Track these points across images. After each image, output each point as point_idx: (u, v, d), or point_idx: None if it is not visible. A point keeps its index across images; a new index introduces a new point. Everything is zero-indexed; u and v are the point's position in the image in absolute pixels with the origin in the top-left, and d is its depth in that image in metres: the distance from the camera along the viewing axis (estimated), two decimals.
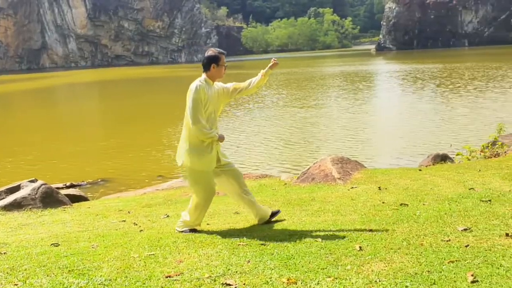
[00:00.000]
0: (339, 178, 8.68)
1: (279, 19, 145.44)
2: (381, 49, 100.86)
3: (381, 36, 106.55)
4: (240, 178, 5.61)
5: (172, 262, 4.42)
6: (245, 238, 4.94)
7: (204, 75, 5.46)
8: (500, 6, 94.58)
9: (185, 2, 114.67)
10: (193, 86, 5.32)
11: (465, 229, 4.84)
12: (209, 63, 5.42)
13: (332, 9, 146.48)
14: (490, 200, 6.06)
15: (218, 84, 5.60)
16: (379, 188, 7.54)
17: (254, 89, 5.84)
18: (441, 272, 3.75)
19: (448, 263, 3.92)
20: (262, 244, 4.67)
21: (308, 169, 9.44)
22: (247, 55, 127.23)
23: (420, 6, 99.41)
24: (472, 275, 3.63)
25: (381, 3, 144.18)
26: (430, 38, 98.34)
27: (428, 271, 3.76)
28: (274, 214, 5.81)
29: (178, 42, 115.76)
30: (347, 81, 39.25)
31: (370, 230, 4.98)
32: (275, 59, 5.93)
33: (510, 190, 6.59)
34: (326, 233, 4.97)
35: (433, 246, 4.36)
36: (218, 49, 5.59)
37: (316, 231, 5.09)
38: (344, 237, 4.78)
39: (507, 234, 4.60)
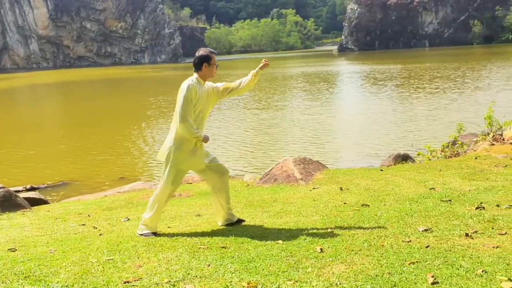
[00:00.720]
0: (301, 179, 8.67)
1: (242, 20, 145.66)
2: (343, 50, 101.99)
3: (343, 37, 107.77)
4: (225, 174, 5.72)
5: (131, 267, 4.31)
6: (206, 241, 4.84)
7: (195, 75, 5.44)
8: (459, 8, 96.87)
9: (148, 3, 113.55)
10: (185, 85, 5.29)
11: (425, 230, 4.86)
12: (201, 63, 5.41)
13: (294, 10, 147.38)
14: (450, 200, 6.12)
15: (208, 84, 5.58)
16: (341, 188, 7.55)
17: (245, 89, 5.83)
18: (401, 273, 3.74)
19: (408, 264, 3.92)
20: (223, 247, 4.59)
21: (271, 170, 9.41)
22: None
23: (381, 7, 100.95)
24: (432, 277, 3.64)
25: (343, 4, 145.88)
26: (391, 38, 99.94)
27: (389, 273, 3.75)
28: (240, 221, 5.73)
29: (141, 42, 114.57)
30: (308, 82, 39.47)
31: (332, 232, 4.96)
32: (266, 59, 5.91)
33: (470, 190, 6.68)
34: (288, 235, 4.93)
35: (394, 247, 4.36)
36: (209, 49, 5.60)
37: (277, 233, 5.04)
38: (305, 238, 4.75)
39: (467, 234, 4.63)
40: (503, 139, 11.33)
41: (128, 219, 6.77)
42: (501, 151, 10.06)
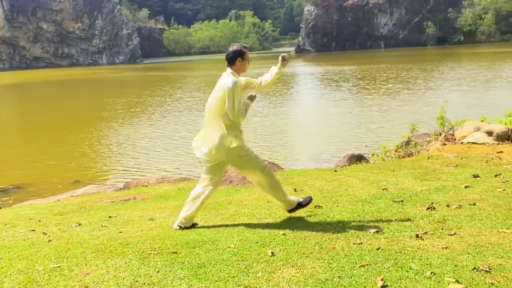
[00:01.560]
0: None
1: (201, 21, 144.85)
2: (300, 51, 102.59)
3: (300, 38, 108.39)
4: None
5: (78, 274, 4.15)
6: (157, 247, 4.70)
7: (229, 69, 5.47)
8: (413, 10, 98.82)
9: (105, 4, 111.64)
10: (229, 82, 5.31)
11: (377, 231, 4.84)
12: (235, 57, 5.45)
13: (252, 12, 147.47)
14: (402, 201, 6.13)
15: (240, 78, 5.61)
16: (295, 189, 7.51)
17: (266, 87, 5.86)
18: (351, 277, 3.70)
19: (359, 267, 3.88)
20: (173, 253, 4.46)
21: (226, 172, 9.31)
22: (169, 57, 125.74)
23: (337, 9, 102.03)
24: (382, 280, 3.60)
25: (301, 6, 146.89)
26: (347, 40, 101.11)
27: (339, 277, 3.70)
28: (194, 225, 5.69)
29: (99, 43, 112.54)
30: None
31: (284, 234, 4.89)
32: (284, 55, 5.89)
33: (421, 190, 6.72)
34: (240, 238, 4.83)
35: (345, 250, 4.32)
36: (243, 44, 5.67)
37: (230, 236, 4.94)
38: (257, 242, 4.65)
39: (417, 236, 4.63)
40: (455, 139, 11.54)
41: (80, 224, 6.55)
42: (452, 150, 10.24)
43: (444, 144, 11.00)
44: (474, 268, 3.72)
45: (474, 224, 4.92)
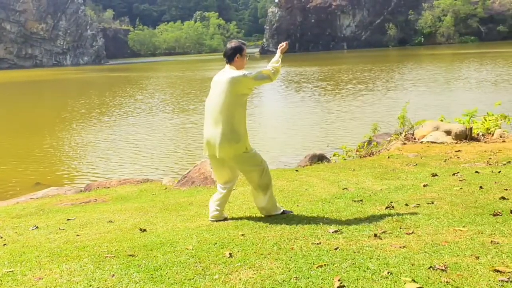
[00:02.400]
0: None
1: (166, 23, 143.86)
2: (264, 52, 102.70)
3: (264, 40, 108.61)
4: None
5: (31, 279, 3.97)
6: (114, 249, 4.54)
7: (227, 66, 5.46)
8: (375, 12, 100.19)
9: (69, 4, 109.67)
10: (237, 73, 5.30)
11: (336, 231, 4.79)
12: (234, 54, 5.44)
13: (217, 13, 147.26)
14: (362, 200, 6.13)
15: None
16: None
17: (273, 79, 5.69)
18: (308, 278, 3.62)
19: (316, 267, 3.81)
20: (130, 255, 4.31)
21: (189, 172, 9.20)
22: (134, 57, 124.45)
23: (301, 10, 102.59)
24: (339, 280, 3.55)
25: (265, 7, 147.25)
26: (311, 41, 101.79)
27: (296, 277, 3.63)
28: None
29: (63, 44, 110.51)
30: None
31: (243, 235, 4.80)
32: (282, 44, 5.94)
33: (381, 189, 6.74)
34: (199, 239, 4.71)
35: (303, 250, 4.24)
36: (240, 40, 5.70)
37: (189, 237, 4.82)
38: (216, 243, 4.55)
39: (375, 235, 4.60)
40: (415, 138, 11.68)
41: (37, 227, 6.33)
42: (412, 150, 10.35)
43: (404, 144, 11.12)
44: (430, 267, 3.70)
45: (431, 222, 4.93)
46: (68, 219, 6.38)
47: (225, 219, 5.63)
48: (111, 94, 35.76)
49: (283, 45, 5.90)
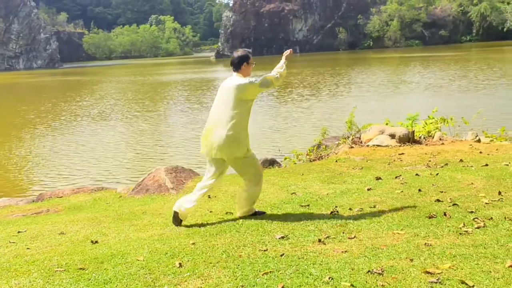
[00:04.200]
0: (172, 188, 8.52)
1: (121, 26, 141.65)
2: (220, 56, 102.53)
3: (219, 44, 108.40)
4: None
5: None
6: (64, 263, 4.49)
7: (235, 74, 5.68)
8: (325, 16, 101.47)
9: (22, 7, 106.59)
10: (244, 80, 5.56)
11: (282, 237, 4.88)
12: (241, 62, 5.66)
13: (172, 17, 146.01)
14: (308, 205, 6.24)
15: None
16: (209, 196, 7.48)
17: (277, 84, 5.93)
18: (254, 285, 3.71)
19: (262, 275, 3.89)
20: (81, 269, 4.28)
21: (143, 180, 9.14)
22: (90, 61, 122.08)
23: (254, 14, 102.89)
24: (282, 287, 3.65)
25: (219, 11, 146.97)
26: (265, 45, 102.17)
27: (242, 286, 3.71)
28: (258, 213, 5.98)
29: (15, 48, 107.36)
30: (182, 90, 39.30)
31: (193, 244, 4.84)
32: (287, 51, 6.09)
33: (327, 194, 6.87)
34: (150, 250, 4.73)
35: (251, 257, 4.32)
36: (247, 49, 5.86)
37: (140, 248, 4.83)
38: (166, 253, 4.58)
39: (319, 240, 4.71)
40: (361, 142, 11.94)
41: None
42: (359, 153, 10.59)
43: (352, 147, 11.36)
44: (369, 271, 3.84)
45: (372, 226, 5.10)
46: (19, 232, 6.25)
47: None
48: (63, 100, 34.99)
49: (287, 52, 6.09)
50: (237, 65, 5.67)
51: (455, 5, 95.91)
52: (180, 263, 4.25)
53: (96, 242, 5.30)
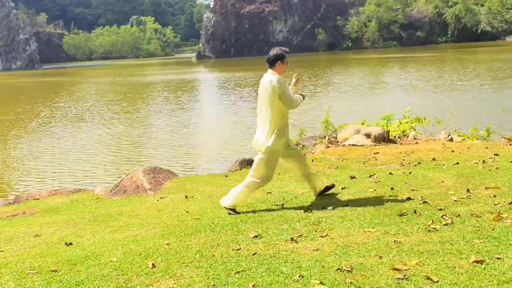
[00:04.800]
0: (150, 189, 8.49)
1: (101, 27, 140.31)
2: (201, 57, 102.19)
3: (200, 45, 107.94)
4: (303, 160, 6.39)
5: None
6: (37, 265, 4.45)
7: (270, 70, 5.94)
8: (305, 17, 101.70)
9: (0, 8, 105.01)
10: (274, 79, 5.79)
11: (255, 236, 4.90)
12: (275, 60, 5.92)
13: (153, 18, 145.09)
14: (283, 204, 6.28)
15: None
16: (186, 197, 7.49)
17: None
18: (226, 284, 3.72)
19: (234, 274, 3.91)
20: (53, 271, 4.25)
21: (121, 181, 9.10)
22: (70, 62, 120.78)
23: (235, 16, 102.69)
24: (253, 286, 3.66)
25: (200, 12, 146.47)
26: (245, 46, 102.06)
27: (213, 285, 3.72)
28: (328, 188, 6.57)
29: None
30: (163, 90, 39.13)
31: (168, 244, 4.84)
32: (296, 75, 6.39)
33: (302, 193, 6.91)
34: (124, 251, 4.71)
35: (224, 257, 4.34)
36: (283, 48, 6.11)
37: (114, 249, 4.81)
38: (140, 254, 4.57)
39: (292, 239, 4.75)
40: (337, 141, 12.04)
41: None
42: (335, 153, 10.66)
43: (328, 147, 11.44)
44: (338, 268, 3.88)
45: (344, 225, 5.15)
46: None
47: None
48: (41, 101, 34.53)
49: (297, 77, 6.35)
50: (272, 62, 5.94)
51: (431, 7, 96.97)
52: (153, 264, 4.24)
53: (71, 244, 5.26)
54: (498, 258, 3.88)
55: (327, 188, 6.60)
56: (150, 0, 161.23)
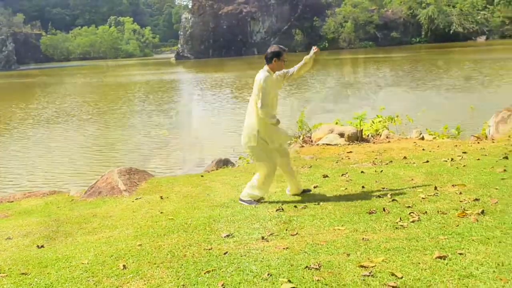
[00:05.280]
0: (125, 190, 8.41)
1: (79, 27, 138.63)
2: (180, 58, 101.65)
3: (179, 45, 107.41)
4: (288, 156, 6.47)
5: None
6: (7, 268, 4.40)
7: (266, 67, 6.06)
8: (282, 18, 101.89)
9: None
10: (261, 76, 5.95)
11: (227, 235, 4.92)
12: (272, 57, 6.06)
13: (132, 18, 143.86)
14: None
15: (275, 73, 6.20)
16: (161, 197, 7.46)
17: (300, 73, 6.47)
18: (195, 284, 3.72)
19: (204, 273, 3.92)
20: (23, 274, 4.21)
21: (96, 182, 9.01)
22: (48, 62, 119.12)
23: (213, 16, 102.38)
24: (222, 285, 3.67)
25: (179, 13, 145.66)
26: (224, 47, 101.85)
27: (183, 285, 3.72)
28: (305, 191, 6.65)
29: None
30: (140, 91, 38.88)
31: (140, 245, 4.82)
32: (315, 47, 6.53)
33: (275, 192, 6.93)
34: (96, 253, 4.68)
35: (195, 257, 4.34)
36: (281, 46, 6.22)
37: (86, 251, 4.77)
38: (112, 255, 4.54)
39: (263, 238, 4.77)
40: (312, 141, 12.11)
41: None
42: (309, 152, 10.72)
43: (302, 146, 11.50)
44: (307, 266, 3.91)
45: (315, 223, 5.19)
46: None
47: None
48: (16, 102, 33.95)
49: (316, 49, 6.53)
50: (269, 59, 6.08)
51: (405, 8, 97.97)
52: (124, 265, 4.23)
53: (42, 246, 5.21)
54: (460, 254, 3.96)
55: (304, 191, 6.71)
56: (128, 1, 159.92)
